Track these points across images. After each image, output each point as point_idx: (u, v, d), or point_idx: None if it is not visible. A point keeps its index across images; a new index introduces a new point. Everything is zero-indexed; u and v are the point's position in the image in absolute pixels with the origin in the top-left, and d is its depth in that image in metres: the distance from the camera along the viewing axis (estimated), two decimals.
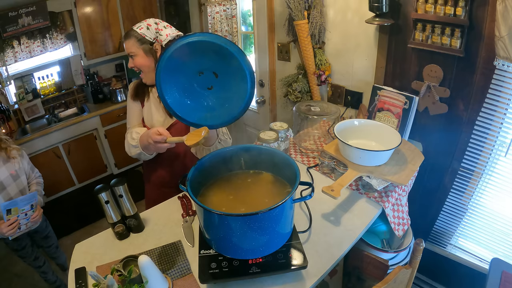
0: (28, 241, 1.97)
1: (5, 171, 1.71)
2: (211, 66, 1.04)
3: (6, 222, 1.65)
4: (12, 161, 1.76)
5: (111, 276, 0.84)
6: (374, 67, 1.84)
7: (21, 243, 1.92)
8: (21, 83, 3.08)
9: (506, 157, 1.52)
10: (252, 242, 0.89)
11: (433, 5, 1.43)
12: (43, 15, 2.94)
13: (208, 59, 1.02)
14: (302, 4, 1.95)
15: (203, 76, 1.07)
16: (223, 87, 1.08)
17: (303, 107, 1.75)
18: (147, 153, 1.32)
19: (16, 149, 1.81)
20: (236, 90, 1.04)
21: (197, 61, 1.04)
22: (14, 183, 1.76)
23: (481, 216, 1.70)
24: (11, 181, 1.74)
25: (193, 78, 1.08)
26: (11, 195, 1.74)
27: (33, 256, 2.02)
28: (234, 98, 1.06)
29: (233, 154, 1.09)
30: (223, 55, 0.99)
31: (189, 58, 1.02)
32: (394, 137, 1.31)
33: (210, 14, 2.96)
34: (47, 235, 2.10)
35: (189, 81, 1.08)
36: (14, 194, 1.75)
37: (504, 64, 1.28)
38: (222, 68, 1.04)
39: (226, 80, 1.06)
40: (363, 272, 1.38)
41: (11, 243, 1.88)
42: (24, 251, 1.95)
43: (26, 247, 1.95)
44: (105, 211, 1.09)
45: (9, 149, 1.74)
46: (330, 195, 1.12)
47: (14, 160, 1.76)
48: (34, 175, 1.94)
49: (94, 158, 3.37)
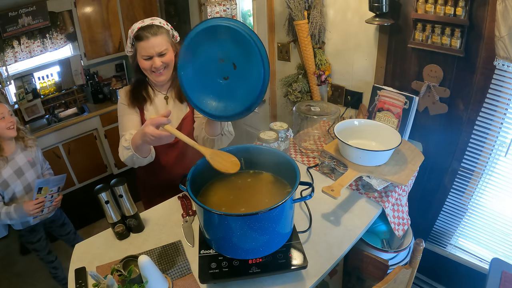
0: (43, 234, 2.01)
1: (23, 158, 1.81)
2: (233, 56, 1.00)
3: (35, 201, 1.71)
4: (28, 149, 1.85)
5: (111, 276, 0.84)
6: (374, 67, 1.84)
7: (37, 235, 1.96)
8: (21, 83, 3.08)
9: (506, 157, 1.52)
10: (252, 242, 0.89)
11: (433, 5, 1.43)
12: (43, 15, 2.94)
13: (233, 49, 0.98)
14: (302, 4, 1.95)
15: (223, 64, 1.02)
16: (237, 81, 1.03)
17: (303, 107, 1.75)
18: (140, 155, 1.19)
19: (32, 139, 1.91)
20: (248, 88, 1.01)
21: (222, 47, 1.00)
22: (32, 169, 1.84)
23: (481, 216, 1.70)
24: (29, 168, 1.83)
25: (212, 63, 1.02)
26: (29, 181, 1.81)
27: (47, 249, 2.06)
28: (243, 95, 1.03)
29: (233, 154, 1.09)
30: (248, 50, 0.96)
31: (215, 41, 0.99)
32: (394, 137, 1.31)
33: (210, 14, 2.96)
34: (63, 222, 2.13)
35: (208, 64, 1.03)
36: (32, 180, 1.82)
37: (504, 64, 1.28)
38: (242, 62, 1.00)
39: (242, 74, 1.02)
40: (363, 272, 1.38)
41: (27, 235, 1.93)
42: (39, 244, 1.99)
43: (41, 239, 1.99)
44: (105, 211, 1.09)
45: (26, 139, 1.85)
46: (330, 195, 1.12)
47: (30, 148, 1.86)
48: (46, 166, 2.02)
49: (94, 158, 3.37)
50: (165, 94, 1.41)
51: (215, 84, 1.05)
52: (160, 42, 1.23)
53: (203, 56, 1.01)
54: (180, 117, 1.41)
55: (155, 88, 1.40)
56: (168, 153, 1.43)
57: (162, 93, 1.41)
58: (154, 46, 1.22)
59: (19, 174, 1.77)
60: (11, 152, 1.76)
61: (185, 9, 3.34)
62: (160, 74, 1.29)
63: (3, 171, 1.70)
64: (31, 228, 1.90)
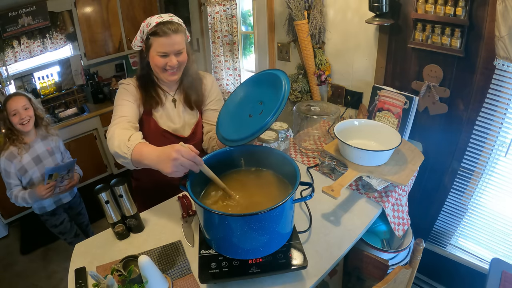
0: (66, 216, 2.06)
1: (42, 146, 1.89)
2: (267, 98, 1.03)
3: (46, 185, 1.77)
4: (49, 138, 1.94)
5: (111, 276, 0.84)
6: (374, 67, 1.84)
7: (59, 218, 2.02)
8: (21, 83, 3.08)
9: (506, 157, 1.52)
10: (252, 242, 0.89)
11: (433, 5, 1.43)
12: (43, 15, 2.94)
13: (269, 92, 1.03)
14: (302, 4, 1.96)
15: (258, 106, 1.04)
16: (259, 115, 1.05)
17: (303, 107, 1.75)
18: (137, 166, 1.06)
19: (55, 129, 2.02)
20: (262, 119, 1.02)
21: (262, 92, 1.06)
22: (50, 158, 1.92)
23: (481, 216, 1.70)
24: (48, 156, 1.91)
25: (251, 104, 1.07)
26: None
27: (73, 232, 2.11)
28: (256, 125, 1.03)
29: (233, 154, 1.09)
30: (277, 90, 1.00)
31: (262, 85, 1.06)
32: (394, 137, 1.31)
33: (210, 14, 2.96)
34: (80, 211, 2.19)
35: (248, 102, 1.09)
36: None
37: (504, 64, 1.29)
38: (270, 101, 1.02)
39: (265, 110, 1.03)
40: (363, 272, 1.38)
41: (50, 219, 1.99)
42: (62, 226, 2.04)
43: (64, 221, 2.04)
44: (105, 211, 1.09)
45: (49, 127, 1.94)
46: (330, 195, 1.12)
47: (51, 137, 1.95)
48: (67, 156, 2.08)
49: (94, 158, 3.38)
50: (172, 96, 1.39)
51: (241, 119, 1.09)
52: (180, 40, 1.19)
53: (246, 99, 1.09)
54: (193, 123, 1.41)
55: (163, 88, 1.37)
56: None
57: (169, 94, 1.38)
58: (174, 43, 1.18)
59: (37, 161, 1.85)
60: (31, 140, 1.85)
61: (185, 9, 3.35)
62: (173, 73, 1.25)
63: (23, 157, 1.79)
64: (52, 211, 1.97)
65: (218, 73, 3.17)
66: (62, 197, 2.01)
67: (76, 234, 2.12)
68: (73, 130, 3.12)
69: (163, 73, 1.26)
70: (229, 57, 2.99)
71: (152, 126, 1.34)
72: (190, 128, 1.41)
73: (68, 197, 2.05)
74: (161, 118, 1.36)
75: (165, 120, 1.37)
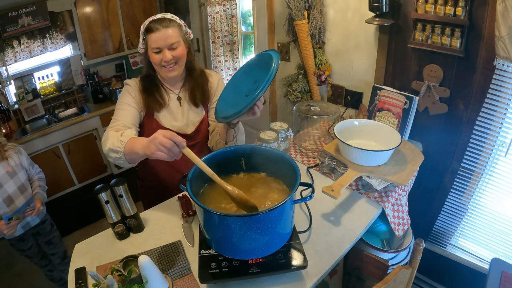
0: (34, 241, 1.97)
1: (0, 169, 1.72)
2: (260, 77, 1.05)
3: (7, 225, 1.65)
4: (5, 160, 1.76)
5: (111, 276, 0.84)
6: (374, 67, 1.84)
7: (27, 244, 1.92)
8: (21, 83, 3.08)
9: (506, 157, 1.52)
10: (252, 243, 0.89)
11: (433, 5, 1.43)
12: (43, 15, 2.94)
13: (261, 71, 1.06)
14: (302, 4, 1.95)
15: (253, 85, 1.06)
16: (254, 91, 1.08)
17: (303, 107, 1.75)
18: (130, 161, 1.09)
19: (11, 147, 1.82)
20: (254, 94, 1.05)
21: (256, 72, 1.08)
22: (11, 180, 1.76)
23: (481, 216, 1.70)
24: (8, 179, 1.74)
25: (247, 84, 1.09)
26: (9, 192, 1.74)
27: (39, 255, 2.02)
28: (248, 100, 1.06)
29: (233, 154, 1.09)
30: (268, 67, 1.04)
31: (257, 66, 1.09)
32: (394, 137, 1.31)
33: (210, 14, 2.96)
34: (50, 240, 2.03)
35: (244, 84, 1.10)
36: (12, 191, 1.75)
37: (504, 64, 1.28)
38: (262, 79, 1.05)
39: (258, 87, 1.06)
40: (363, 272, 1.38)
41: (17, 244, 1.89)
42: (30, 251, 1.96)
43: (32, 247, 1.96)
44: (105, 211, 1.09)
45: (2, 151, 1.75)
46: (330, 195, 1.12)
47: (8, 159, 1.77)
48: (34, 170, 1.94)
49: (94, 158, 3.37)
50: (177, 94, 1.39)
51: (238, 97, 1.11)
52: (171, 34, 1.20)
53: (244, 79, 1.12)
54: (197, 121, 1.41)
55: (166, 87, 1.37)
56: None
57: (174, 92, 1.38)
58: (166, 37, 1.19)
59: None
60: None
61: (185, 9, 3.35)
62: (171, 69, 1.26)
63: None
64: (20, 237, 1.86)
65: (218, 73, 3.18)
66: (30, 221, 1.86)
67: (42, 256, 2.01)
68: (73, 130, 3.12)
69: (161, 69, 1.27)
70: (229, 57, 3.00)
71: (154, 126, 1.35)
72: (194, 126, 1.41)
73: (36, 220, 1.90)
74: (164, 117, 1.36)
75: (168, 119, 1.37)
